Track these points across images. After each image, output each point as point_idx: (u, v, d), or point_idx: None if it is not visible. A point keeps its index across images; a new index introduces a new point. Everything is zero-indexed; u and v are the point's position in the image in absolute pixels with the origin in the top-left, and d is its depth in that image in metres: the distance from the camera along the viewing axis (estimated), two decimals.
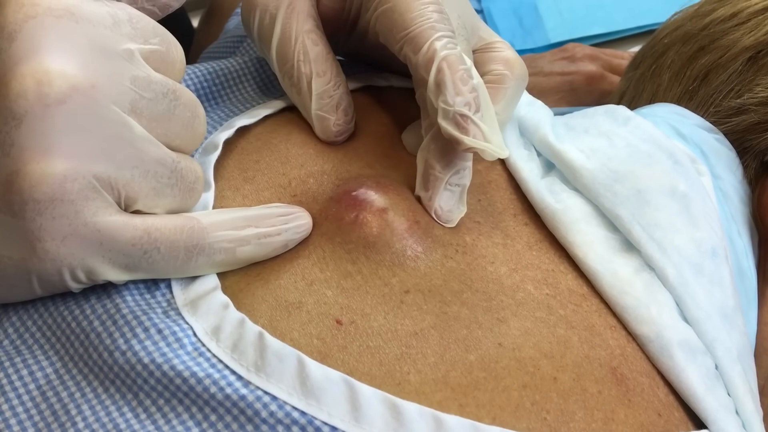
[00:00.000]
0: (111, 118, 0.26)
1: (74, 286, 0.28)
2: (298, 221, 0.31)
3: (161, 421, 0.26)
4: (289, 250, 0.31)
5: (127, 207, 0.27)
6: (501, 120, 0.36)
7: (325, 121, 0.35)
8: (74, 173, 0.25)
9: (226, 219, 0.29)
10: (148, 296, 0.29)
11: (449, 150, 0.32)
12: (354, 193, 0.32)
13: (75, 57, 0.25)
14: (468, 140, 0.30)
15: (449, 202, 0.32)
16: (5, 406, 0.27)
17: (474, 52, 0.37)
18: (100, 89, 0.26)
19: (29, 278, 0.27)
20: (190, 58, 0.63)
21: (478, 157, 0.37)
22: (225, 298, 0.29)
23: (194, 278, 0.30)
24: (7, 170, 0.25)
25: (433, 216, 0.32)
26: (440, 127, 0.31)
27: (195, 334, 0.28)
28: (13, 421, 0.27)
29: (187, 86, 0.38)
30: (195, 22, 0.76)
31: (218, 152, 0.34)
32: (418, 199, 0.33)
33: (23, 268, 0.26)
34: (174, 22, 0.33)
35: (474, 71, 0.32)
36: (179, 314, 0.29)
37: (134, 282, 0.30)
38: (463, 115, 0.30)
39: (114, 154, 0.26)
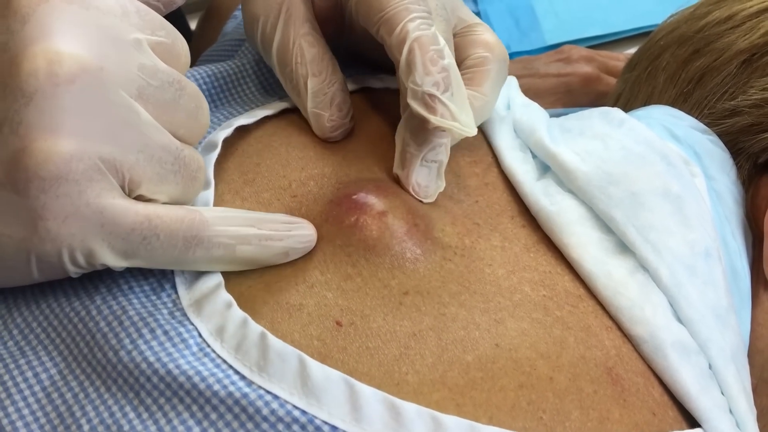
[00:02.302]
0: (118, 101, 0.26)
1: (72, 270, 0.27)
2: (302, 231, 0.31)
3: (162, 421, 0.26)
4: None
5: (130, 191, 0.27)
6: (488, 101, 0.37)
7: (320, 118, 0.35)
8: (80, 153, 0.25)
9: (228, 216, 0.29)
10: (153, 297, 0.30)
11: (423, 127, 0.33)
12: (354, 197, 0.32)
13: (85, 41, 0.26)
14: (435, 119, 0.31)
15: (426, 178, 0.33)
16: (11, 409, 0.27)
17: (454, 35, 0.38)
18: (109, 73, 0.26)
19: (28, 259, 0.27)
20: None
21: (473, 158, 0.38)
22: (228, 297, 0.29)
23: (198, 277, 0.30)
24: (14, 147, 0.25)
25: (411, 192, 0.33)
26: (410, 106, 0.31)
27: (200, 335, 0.28)
28: (19, 424, 0.27)
29: None
30: (193, 25, 0.76)
31: (218, 151, 0.34)
32: (397, 179, 0.34)
33: (23, 247, 0.26)
34: (171, 24, 0.34)
35: (447, 51, 0.32)
36: (184, 315, 0.29)
37: (140, 284, 0.30)
38: (431, 95, 0.31)
39: (120, 137, 0.26)
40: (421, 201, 0.33)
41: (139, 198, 0.28)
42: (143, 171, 0.27)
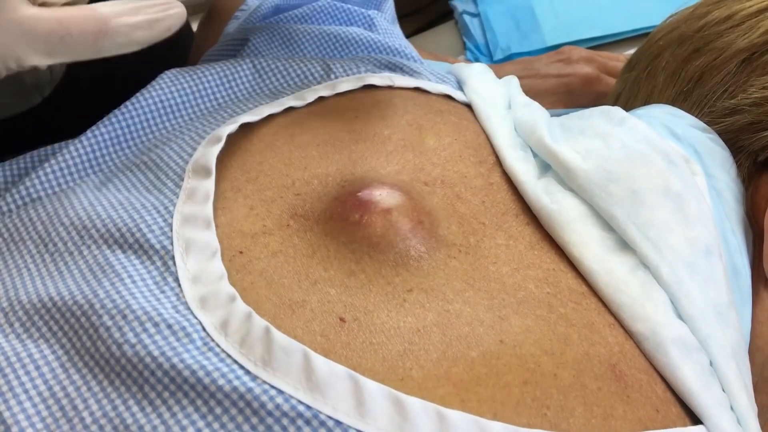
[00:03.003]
0: None
1: (3, 73, 0.32)
2: (176, 9, 0.36)
3: (166, 415, 0.26)
4: (293, 250, 0.31)
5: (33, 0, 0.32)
6: None
7: None
8: None
9: (118, 9, 0.34)
10: (157, 291, 0.30)
11: None
12: (359, 194, 0.32)
13: None
14: None
15: None
16: (13, 402, 0.27)
17: None
18: None
19: None
20: (191, 62, 0.64)
21: (479, 159, 0.38)
22: (231, 290, 0.29)
23: (201, 269, 0.30)
24: None
25: None
26: None
27: (204, 329, 0.28)
28: (21, 417, 0.27)
29: (198, 90, 0.40)
30: (194, 26, 0.76)
31: (221, 144, 0.34)
32: None
33: None
34: None
35: None
36: (188, 308, 0.29)
37: (143, 278, 0.30)
38: None
39: None
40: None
41: (44, 5, 0.32)
42: None
